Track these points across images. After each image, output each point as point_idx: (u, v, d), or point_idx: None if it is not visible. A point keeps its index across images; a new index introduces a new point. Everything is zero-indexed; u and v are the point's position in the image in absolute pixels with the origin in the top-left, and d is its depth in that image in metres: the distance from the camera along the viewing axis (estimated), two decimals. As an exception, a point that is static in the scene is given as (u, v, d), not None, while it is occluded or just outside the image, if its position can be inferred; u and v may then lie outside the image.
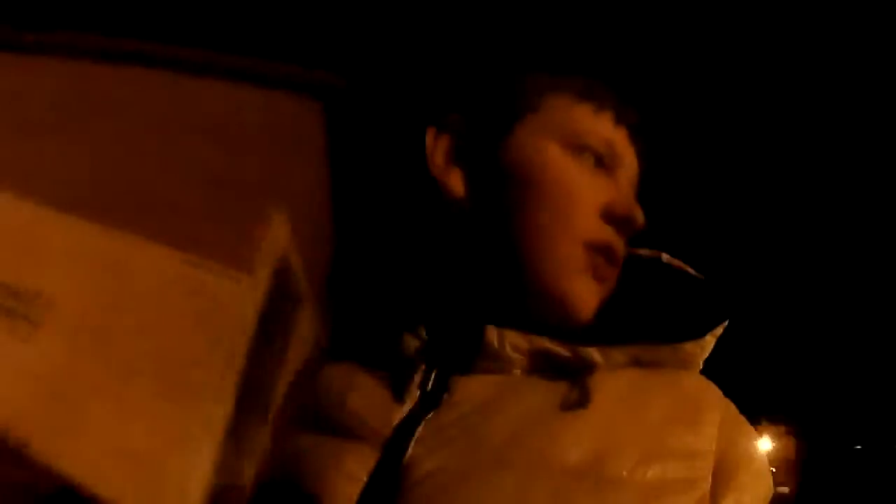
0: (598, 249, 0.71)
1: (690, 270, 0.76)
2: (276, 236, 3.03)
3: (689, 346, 0.73)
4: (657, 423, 0.66)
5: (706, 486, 0.63)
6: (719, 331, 0.74)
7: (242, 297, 2.72)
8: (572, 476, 0.61)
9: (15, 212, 3.69)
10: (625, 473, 0.61)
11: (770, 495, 0.68)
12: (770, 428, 17.78)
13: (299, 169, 3.17)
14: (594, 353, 0.69)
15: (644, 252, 0.78)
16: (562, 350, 0.69)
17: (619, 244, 0.73)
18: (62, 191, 3.53)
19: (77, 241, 3.33)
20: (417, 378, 0.68)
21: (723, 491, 0.63)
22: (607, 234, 0.72)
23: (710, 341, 0.74)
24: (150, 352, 2.71)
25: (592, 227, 0.72)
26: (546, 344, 0.69)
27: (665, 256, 0.77)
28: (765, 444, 17.27)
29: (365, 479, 0.63)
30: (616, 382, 0.69)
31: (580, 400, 0.66)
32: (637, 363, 0.72)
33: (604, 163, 0.74)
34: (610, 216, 0.72)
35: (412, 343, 0.71)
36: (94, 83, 4.28)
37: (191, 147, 3.29)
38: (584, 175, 0.73)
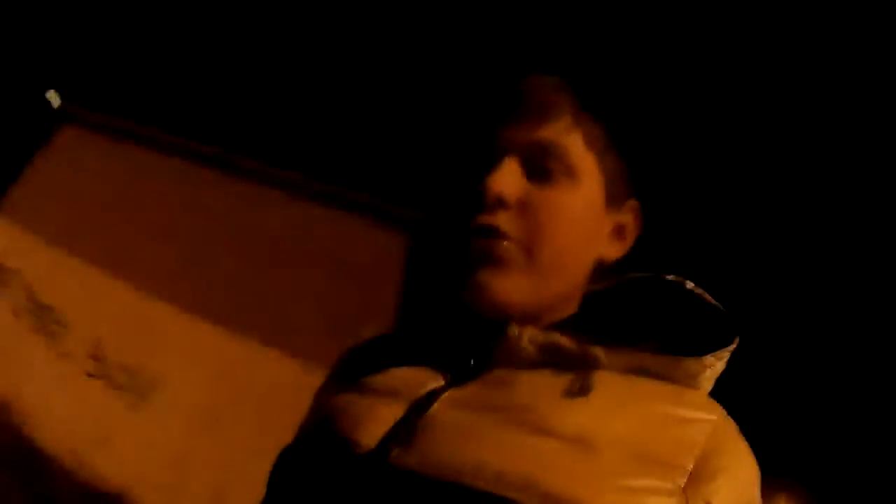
0: (477, 233, 0.75)
1: (709, 298, 0.79)
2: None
3: (688, 363, 0.75)
4: (646, 425, 0.69)
5: (682, 480, 0.65)
6: (724, 354, 0.76)
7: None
8: (566, 442, 0.66)
9: (139, 303, 4.25)
10: (607, 452, 0.65)
11: None
12: (782, 493, 16.60)
13: (387, 289, 3.65)
14: (599, 352, 0.74)
15: (670, 277, 0.81)
16: (571, 345, 0.74)
17: (486, 217, 0.74)
18: (181, 293, 4.09)
19: (197, 336, 3.85)
20: (452, 362, 0.76)
21: (696, 490, 0.65)
22: (473, 215, 0.75)
23: (711, 362, 0.76)
24: (261, 439, 3.16)
25: (465, 218, 0.75)
26: (558, 339, 0.75)
27: (689, 284, 0.80)
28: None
29: (392, 424, 0.70)
30: (616, 384, 0.73)
31: (582, 389, 0.70)
32: (641, 371, 0.75)
33: (487, 159, 0.77)
34: (474, 200, 0.76)
35: (452, 335, 0.80)
36: (207, 190, 4.86)
37: (301, 268, 3.83)
38: (462, 181, 0.78)
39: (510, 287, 0.74)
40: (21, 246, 5.58)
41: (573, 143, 0.79)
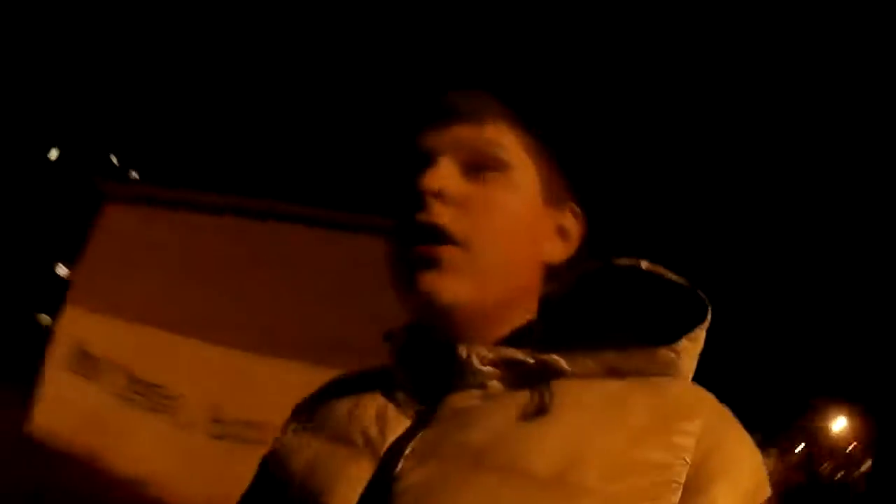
0: (419, 236, 0.74)
1: (671, 275, 0.75)
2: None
3: (662, 352, 0.72)
4: (628, 437, 0.65)
5: (675, 497, 0.62)
6: (699, 334, 0.73)
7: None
8: (540, 485, 0.62)
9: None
10: (590, 483, 0.62)
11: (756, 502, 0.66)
12: (845, 407, 17.39)
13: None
14: (559, 360, 0.71)
15: (623, 261, 0.77)
16: (526, 357, 0.72)
17: (426, 215, 0.74)
18: (242, 334, 4.52)
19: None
20: (411, 399, 0.74)
21: (695, 501, 0.62)
22: (412, 217, 0.75)
23: (687, 346, 0.73)
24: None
25: (406, 220, 0.75)
26: (510, 353, 0.72)
27: (644, 264, 0.76)
28: (840, 422, 16.95)
29: (364, 485, 0.68)
30: (589, 393, 0.70)
31: (540, 407, 0.68)
32: (613, 372, 0.72)
33: (422, 163, 0.77)
34: (413, 201, 0.75)
35: (407, 371, 0.77)
36: (255, 239, 5.19)
37: (340, 289, 4.14)
38: (404, 188, 0.77)
39: (454, 288, 0.73)
40: (105, 332, 5.82)
41: (506, 142, 0.79)
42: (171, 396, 5.08)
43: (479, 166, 0.76)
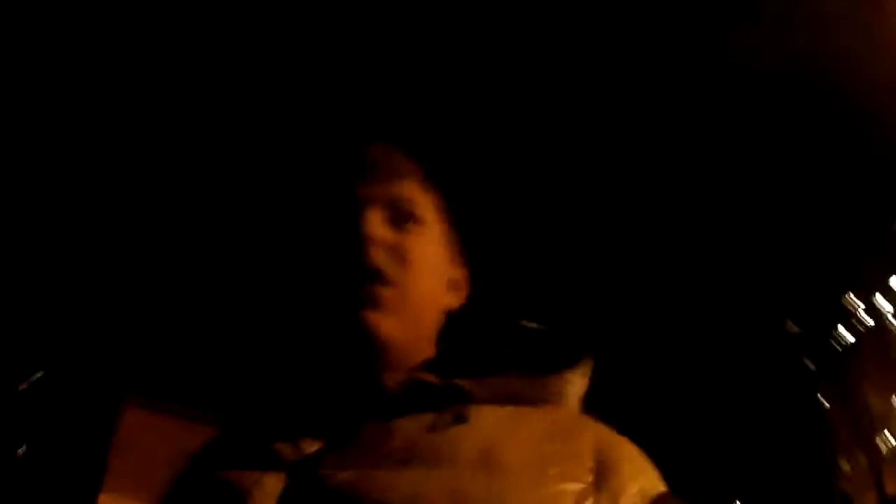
0: (361, 278, 0.79)
1: (544, 328, 0.84)
2: None
3: (551, 381, 0.79)
4: (536, 436, 0.70)
5: (588, 479, 0.66)
6: (581, 369, 0.81)
7: None
8: (466, 469, 0.66)
9: None
10: (514, 466, 0.65)
11: (657, 490, 0.69)
12: None
13: None
14: (465, 384, 0.77)
15: (514, 321, 0.86)
16: (435, 380, 0.77)
17: (368, 260, 0.79)
18: None
19: None
20: (320, 427, 0.75)
21: (607, 482, 0.66)
22: (354, 260, 0.80)
23: (571, 377, 0.80)
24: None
25: (347, 265, 0.80)
26: (421, 376, 0.77)
27: (533, 325, 0.84)
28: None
29: (279, 492, 0.68)
30: (493, 411, 0.75)
31: (459, 418, 0.72)
32: (511, 399, 0.77)
33: (353, 213, 0.83)
34: (351, 248, 0.81)
35: (310, 404, 0.80)
36: None
37: None
38: (338, 235, 0.83)
39: (390, 326, 0.78)
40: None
41: (423, 199, 0.87)
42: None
43: (401, 219, 0.85)
